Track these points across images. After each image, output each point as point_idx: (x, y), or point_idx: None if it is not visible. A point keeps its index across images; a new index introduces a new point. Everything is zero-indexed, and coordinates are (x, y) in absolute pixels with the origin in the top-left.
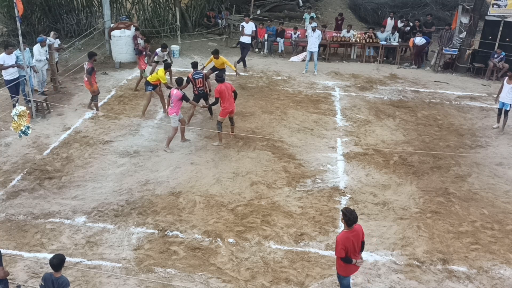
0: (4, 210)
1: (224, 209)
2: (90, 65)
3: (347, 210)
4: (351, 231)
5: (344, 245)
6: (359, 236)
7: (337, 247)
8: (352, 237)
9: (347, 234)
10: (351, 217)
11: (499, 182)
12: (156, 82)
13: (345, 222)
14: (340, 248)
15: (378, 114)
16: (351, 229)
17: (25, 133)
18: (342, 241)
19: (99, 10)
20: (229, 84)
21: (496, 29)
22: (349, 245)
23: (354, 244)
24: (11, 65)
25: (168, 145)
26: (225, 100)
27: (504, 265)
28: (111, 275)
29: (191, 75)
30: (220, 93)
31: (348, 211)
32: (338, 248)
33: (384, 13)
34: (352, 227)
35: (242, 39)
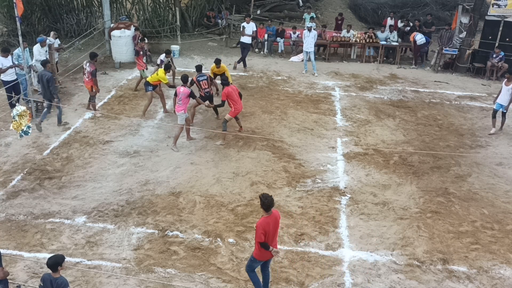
0: (4, 210)
1: (224, 209)
2: (94, 67)
3: (263, 195)
4: (270, 216)
5: (264, 230)
6: (277, 221)
7: (257, 232)
8: (271, 221)
9: (267, 219)
10: (266, 202)
11: (499, 182)
12: (156, 82)
13: (263, 207)
14: (260, 233)
15: (378, 114)
16: (270, 214)
17: (26, 133)
18: (262, 226)
19: (99, 10)
20: (234, 87)
21: (496, 29)
22: (268, 230)
23: (273, 229)
24: (10, 66)
25: (175, 143)
26: (235, 101)
27: (504, 265)
28: (111, 275)
29: (195, 77)
30: (228, 95)
31: (264, 196)
32: (258, 233)
33: (384, 13)
34: (270, 212)
35: (243, 39)
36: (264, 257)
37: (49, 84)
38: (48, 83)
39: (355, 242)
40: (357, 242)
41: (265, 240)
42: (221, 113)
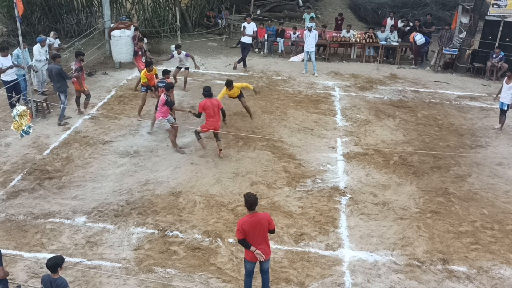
0: (4, 210)
1: (224, 209)
2: (78, 65)
3: (247, 194)
4: (251, 216)
5: (242, 228)
6: (261, 223)
7: (237, 229)
8: (252, 221)
9: (247, 218)
10: (248, 200)
11: (499, 182)
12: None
13: (245, 205)
14: (237, 229)
15: (378, 114)
16: (252, 214)
17: (26, 133)
18: (241, 224)
19: (99, 10)
20: (216, 101)
21: (496, 29)
22: (248, 229)
23: (255, 229)
24: (9, 66)
25: (175, 146)
26: (209, 116)
27: (504, 265)
28: (111, 275)
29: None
30: (204, 108)
31: (248, 195)
32: (237, 230)
33: (384, 13)
34: (253, 211)
35: (243, 39)
36: (252, 257)
37: (62, 75)
38: (61, 75)
39: (355, 242)
40: (357, 242)
41: (243, 238)
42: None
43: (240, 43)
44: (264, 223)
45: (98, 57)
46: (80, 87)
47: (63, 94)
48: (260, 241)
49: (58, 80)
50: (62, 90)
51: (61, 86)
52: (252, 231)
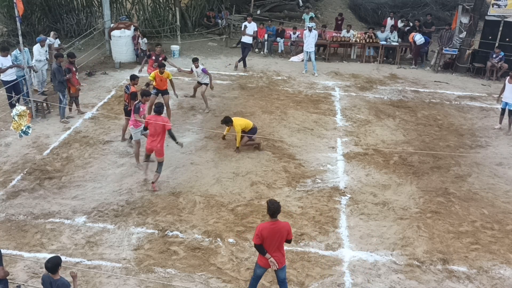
0: (4, 210)
1: (224, 209)
2: (66, 66)
3: (270, 201)
4: (272, 223)
5: (260, 233)
6: (281, 232)
7: (255, 233)
8: (272, 229)
9: (267, 224)
10: (271, 207)
11: (499, 182)
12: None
13: (268, 212)
14: (256, 234)
15: (378, 114)
16: (273, 221)
17: (25, 133)
18: (261, 229)
19: (99, 10)
20: (161, 117)
21: (496, 29)
22: (266, 235)
23: (274, 237)
24: (9, 66)
25: (137, 161)
26: (150, 134)
27: (504, 265)
28: (111, 275)
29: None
30: (148, 124)
31: (271, 202)
32: (255, 234)
33: (384, 13)
34: (275, 219)
35: (244, 38)
36: (265, 264)
37: (56, 75)
38: (54, 74)
39: (355, 242)
40: (357, 242)
41: (260, 243)
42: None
43: (241, 43)
44: (283, 232)
45: (98, 57)
46: (73, 88)
47: (61, 93)
48: (275, 249)
49: (54, 79)
50: (59, 89)
51: (58, 85)
52: (270, 238)
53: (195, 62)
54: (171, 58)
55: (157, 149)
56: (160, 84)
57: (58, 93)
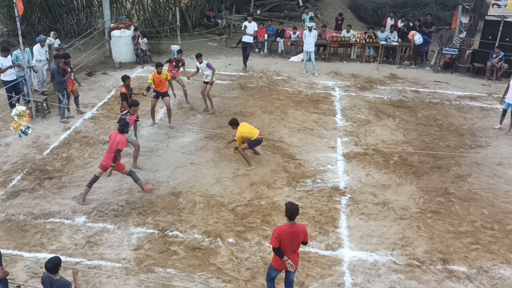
0: (4, 210)
1: (224, 209)
2: (61, 67)
3: (289, 203)
4: (290, 226)
5: (279, 236)
6: (298, 234)
7: (272, 236)
8: (290, 232)
9: (286, 227)
10: (290, 208)
11: (499, 182)
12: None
13: (286, 214)
14: (274, 237)
15: (378, 114)
16: (291, 224)
17: (25, 133)
18: (278, 232)
19: (99, 10)
20: (119, 138)
21: (496, 29)
22: (285, 238)
23: (291, 240)
24: (9, 66)
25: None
26: (107, 151)
27: (504, 265)
28: (111, 275)
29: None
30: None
31: (289, 204)
32: (273, 237)
33: (384, 13)
34: (293, 222)
35: (244, 38)
36: (280, 266)
37: (54, 75)
38: (53, 75)
39: (355, 242)
40: (357, 242)
41: (278, 246)
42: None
43: (241, 43)
44: (300, 234)
45: (98, 57)
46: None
47: (60, 93)
48: (291, 252)
49: (53, 80)
50: (59, 90)
51: (57, 85)
52: (288, 241)
53: (199, 58)
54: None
55: (107, 165)
56: (160, 85)
57: (58, 93)
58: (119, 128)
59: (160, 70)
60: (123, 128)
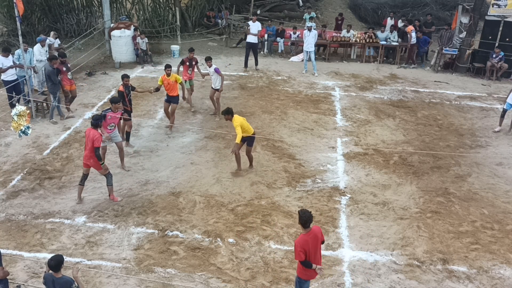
0: (4, 210)
1: (224, 209)
2: (56, 66)
3: (302, 210)
4: (309, 234)
5: (302, 248)
6: (317, 238)
7: (296, 250)
8: (310, 239)
9: (305, 236)
10: (303, 216)
11: (499, 182)
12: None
13: (300, 223)
14: (298, 251)
15: (378, 114)
16: (308, 231)
17: (25, 133)
18: (301, 244)
19: (99, 10)
20: (92, 135)
21: (496, 29)
22: (307, 248)
23: (314, 246)
24: (10, 66)
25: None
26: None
27: (504, 265)
28: (111, 275)
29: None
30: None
31: (302, 211)
32: (297, 252)
33: (384, 13)
34: (309, 229)
35: (249, 38)
36: (310, 276)
37: (51, 77)
38: (50, 77)
39: (355, 242)
40: (357, 242)
41: (307, 259)
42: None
43: (246, 43)
44: (319, 237)
45: (98, 57)
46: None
47: (53, 95)
48: (315, 257)
49: (48, 81)
50: (52, 91)
51: (51, 87)
52: (312, 249)
53: (208, 61)
54: (172, 59)
55: (91, 164)
56: (169, 89)
57: (51, 94)
58: (92, 122)
59: (168, 72)
60: (96, 123)
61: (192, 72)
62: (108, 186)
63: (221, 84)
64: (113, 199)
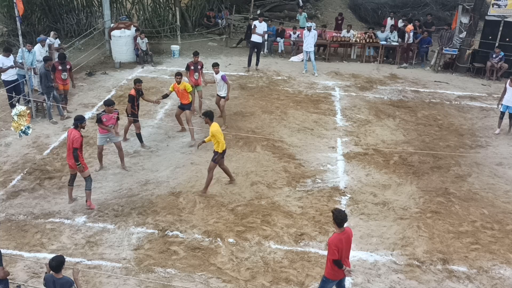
0: (4, 210)
1: (224, 209)
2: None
3: (336, 210)
4: (343, 233)
5: (337, 247)
6: (349, 238)
7: (330, 249)
8: (344, 239)
9: (339, 235)
10: (339, 216)
11: (499, 182)
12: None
13: (336, 222)
14: (333, 249)
15: (378, 114)
16: (343, 231)
17: (25, 133)
18: (335, 243)
19: (99, 10)
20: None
21: (496, 29)
22: (341, 247)
23: (347, 247)
24: (10, 66)
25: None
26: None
27: (504, 265)
28: (111, 275)
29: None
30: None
31: (337, 211)
32: (331, 250)
33: (384, 13)
34: (343, 229)
35: (254, 38)
36: (337, 276)
37: (42, 79)
38: (41, 78)
39: (355, 242)
40: (357, 242)
41: (339, 258)
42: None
43: (250, 42)
44: (351, 238)
45: (98, 57)
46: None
47: (46, 96)
48: (346, 257)
49: (42, 82)
50: (46, 92)
51: (45, 89)
52: (345, 249)
53: (215, 67)
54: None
55: (71, 164)
56: (180, 96)
57: (45, 94)
58: (74, 122)
59: (178, 80)
60: (76, 123)
61: (199, 77)
62: (86, 190)
63: (227, 92)
64: (89, 205)
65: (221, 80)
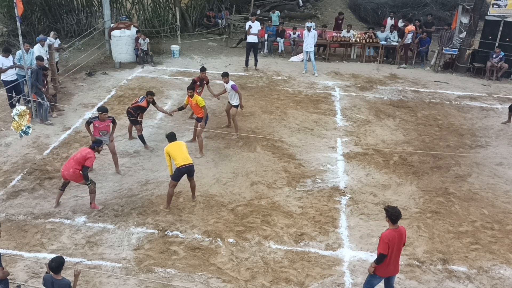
0: (4, 210)
1: (224, 209)
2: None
3: (390, 207)
4: (396, 230)
5: (389, 241)
6: (402, 237)
7: (381, 242)
8: (397, 236)
9: (393, 232)
10: (393, 212)
11: (499, 182)
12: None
13: (389, 219)
14: (385, 242)
15: (378, 114)
16: (397, 228)
17: (25, 133)
18: (388, 237)
19: (99, 10)
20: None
21: (496, 29)
22: (393, 244)
23: (398, 244)
24: (10, 66)
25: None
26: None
27: (504, 265)
28: (111, 275)
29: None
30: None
31: (391, 208)
32: (382, 244)
33: (384, 13)
34: (397, 226)
35: (249, 38)
36: (385, 272)
37: (31, 76)
38: (31, 74)
39: (355, 242)
40: (357, 242)
41: (387, 254)
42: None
43: (247, 43)
44: (404, 237)
45: (98, 57)
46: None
47: (39, 96)
48: (397, 256)
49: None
50: (35, 92)
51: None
52: (396, 246)
53: (225, 77)
54: (172, 59)
55: (71, 176)
56: (193, 109)
57: (38, 96)
58: (91, 145)
59: (190, 94)
60: (93, 146)
61: (201, 91)
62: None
63: (239, 101)
64: (93, 206)
65: (231, 90)
